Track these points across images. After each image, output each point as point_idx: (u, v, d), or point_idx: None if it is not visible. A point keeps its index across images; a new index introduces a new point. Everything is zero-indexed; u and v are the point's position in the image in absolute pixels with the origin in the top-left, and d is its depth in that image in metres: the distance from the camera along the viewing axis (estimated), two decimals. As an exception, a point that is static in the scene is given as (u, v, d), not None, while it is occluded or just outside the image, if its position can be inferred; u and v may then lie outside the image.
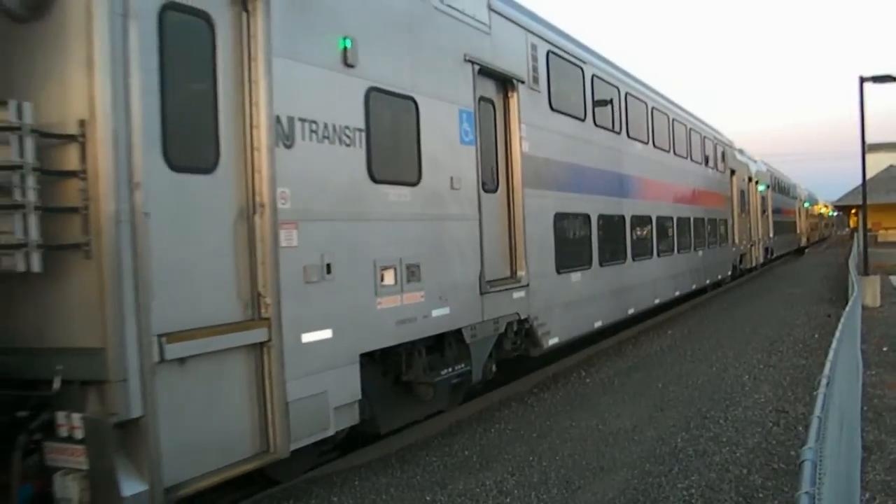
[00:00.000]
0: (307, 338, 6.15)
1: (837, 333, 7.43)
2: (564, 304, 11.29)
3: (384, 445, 8.07)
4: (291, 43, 6.09)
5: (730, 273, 25.56)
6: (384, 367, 7.64)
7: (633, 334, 15.89)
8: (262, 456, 5.86)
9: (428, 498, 6.80)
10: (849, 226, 72.99)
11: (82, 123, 4.66)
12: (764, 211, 33.89)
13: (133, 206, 4.77)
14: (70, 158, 4.67)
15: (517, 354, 10.33)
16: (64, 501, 4.87)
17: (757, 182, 32.07)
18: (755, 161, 33.42)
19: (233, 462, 5.60)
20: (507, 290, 9.52)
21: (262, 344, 5.81)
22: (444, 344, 8.34)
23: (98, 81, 4.66)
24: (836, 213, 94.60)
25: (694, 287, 20.20)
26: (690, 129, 20.41)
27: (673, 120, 18.49)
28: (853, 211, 51.78)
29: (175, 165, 5.19)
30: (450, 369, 8.29)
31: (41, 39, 4.80)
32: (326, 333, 6.37)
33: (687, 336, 15.60)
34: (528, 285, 10.00)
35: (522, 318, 9.94)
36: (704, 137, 22.12)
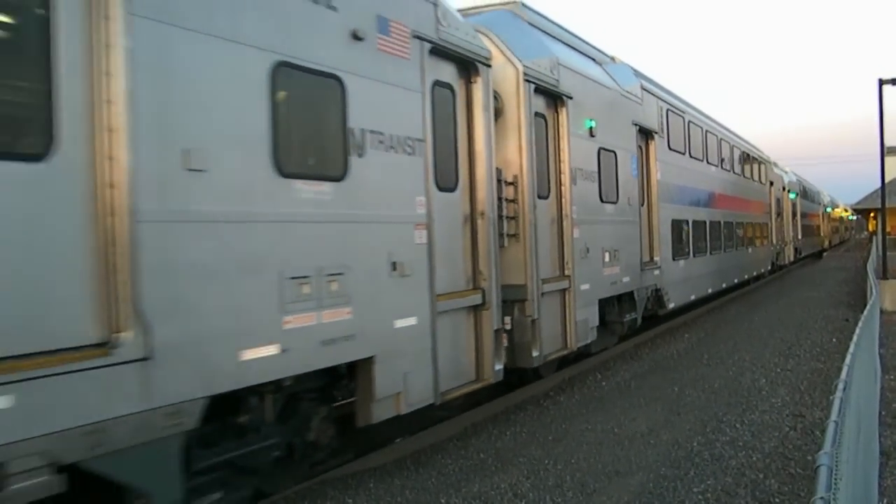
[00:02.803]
0: (582, 287, 11.24)
1: (855, 337, 7.43)
2: (675, 282, 16.36)
3: (399, 447, 8.34)
4: (574, 126, 11.18)
5: (769, 267, 30.58)
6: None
7: (649, 337, 15.94)
8: (563, 350, 10.95)
9: (443, 500, 6.90)
10: (867, 229, 76.25)
11: (515, 177, 9.76)
12: (794, 215, 38.90)
13: (535, 216, 9.90)
14: (510, 193, 9.75)
15: (650, 313, 15.41)
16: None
17: (788, 191, 37.08)
18: (786, 172, 38.51)
19: (554, 350, 10.69)
20: (651, 269, 14.61)
21: (564, 289, 10.90)
22: (622, 300, 13.42)
23: (523, 155, 9.76)
24: (855, 217, 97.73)
25: (745, 277, 25.22)
26: (743, 151, 25.52)
27: (732, 146, 23.62)
28: (872, 214, 55.35)
29: (539, 195, 10.29)
30: (628, 315, 13.41)
31: (498, 132, 9.79)
32: (587, 286, 11.46)
33: (703, 339, 15.70)
34: (660, 267, 15.10)
35: (657, 288, 15.03)
36: (753, 157, 27.21)
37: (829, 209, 65.59)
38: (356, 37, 6.67)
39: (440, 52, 7.99)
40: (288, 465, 6.65)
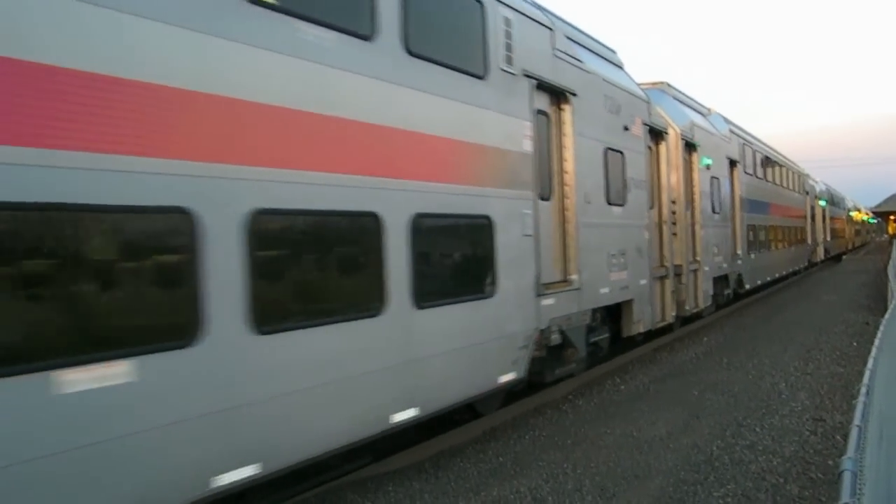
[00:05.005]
0: (705, 268, 17.24)
1: (876, 341, 7.38)
2: (749, 269, 22.35)
3: (418, 451, 8.36)
4: (699, 163, 17.19)
5: (806, 264, 36.45)
6: (708, 287, 18.72)
7: (668, 341, 16.08)
8: (696, 308, 16.96)
9: (462, 504, 6.86)
10: (887, 232, 78.72)
11: (675, 197, 15.78)
12: (824, 220, 44.73)
13: (685, 222, 15.95)
14: (673, 207, 15.71)
15: (734, 292, 21.41)
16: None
17: (819, 198, 42.94)
18: (818, 182, 44.41)
19: (690, 308, 16.69)
20: (736, 259, 20.64)
21: (696, 269, 16.89)
22: (720, 280, 19.38)
23: (679, 184, 15.76)
24: (875, 220, 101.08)
25: (790, 270, 31.12)
26: (788, 168, 31.52)
27: (781, 165, 29.67)
28: (892, 217, 59.02)
29: (685, 209, 16.31)
30: (727, 291, 19.46)
31: (655, 160, 15.78)
32: (707, 268, 17.46)
33: (723, 343, 15.79)
34: (741, 258, 21.13)
35: (739, 273, 21.05)
36: (796, 173, 33.22)
37: (851, 213, 71.08)
38: (625, 128, 12.72)
39: (650, 129, 14.06)
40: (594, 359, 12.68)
